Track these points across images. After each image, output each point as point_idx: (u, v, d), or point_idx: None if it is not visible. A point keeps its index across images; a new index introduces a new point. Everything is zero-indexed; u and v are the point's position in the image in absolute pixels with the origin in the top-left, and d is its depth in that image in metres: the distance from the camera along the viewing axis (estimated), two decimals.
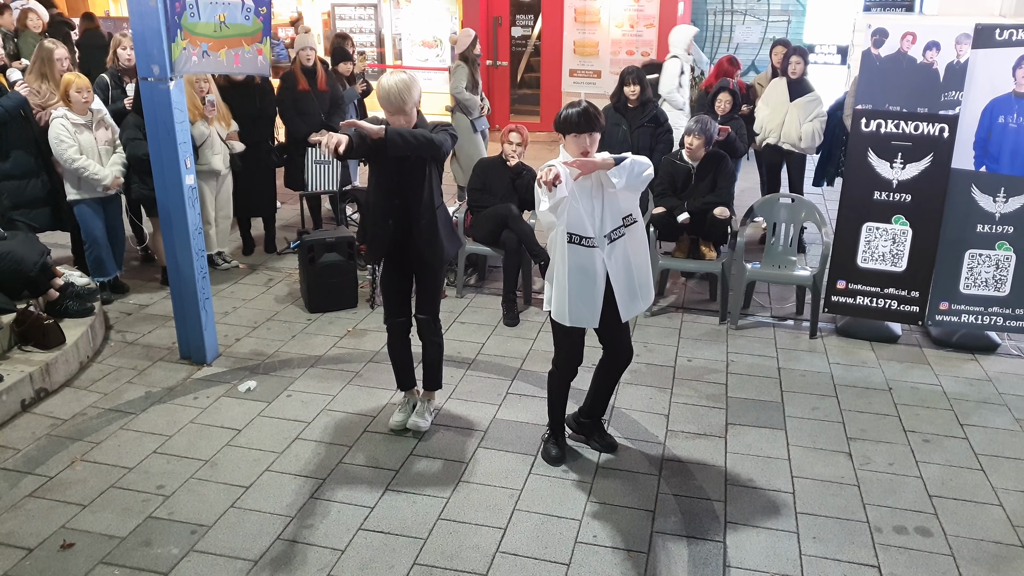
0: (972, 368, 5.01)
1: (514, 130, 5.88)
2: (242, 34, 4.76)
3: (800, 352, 5.21)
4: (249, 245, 6.95)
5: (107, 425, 4.24)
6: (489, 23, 11.88)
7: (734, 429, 4.28)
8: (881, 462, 4.00)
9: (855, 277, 5.29)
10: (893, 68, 4.93)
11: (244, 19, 4.73)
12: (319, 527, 3.46)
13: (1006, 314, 5.12)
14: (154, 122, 4.52)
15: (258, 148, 6.56)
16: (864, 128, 5.05)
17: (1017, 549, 3.40)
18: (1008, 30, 4.72)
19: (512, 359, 5.05)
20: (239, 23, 4.72)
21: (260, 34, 4.86)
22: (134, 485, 3.73)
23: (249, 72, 5.12)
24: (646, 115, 6.28)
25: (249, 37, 4.80)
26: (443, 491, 3.72)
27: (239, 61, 4.79)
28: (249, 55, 4.85)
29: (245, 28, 4.75)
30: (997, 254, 5.05)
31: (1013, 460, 4.04)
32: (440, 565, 3.25)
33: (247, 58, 4.84)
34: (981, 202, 4.99)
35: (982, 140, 4.89)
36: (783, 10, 12.30)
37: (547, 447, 3.99)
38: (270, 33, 5.04)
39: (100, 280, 5.72)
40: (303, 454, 4.00)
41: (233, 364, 4.95)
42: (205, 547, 3.33)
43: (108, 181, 5.49)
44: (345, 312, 5.72)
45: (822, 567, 3.27)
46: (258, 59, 4.93)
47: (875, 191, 5.11)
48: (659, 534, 3.45)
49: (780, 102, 6.71)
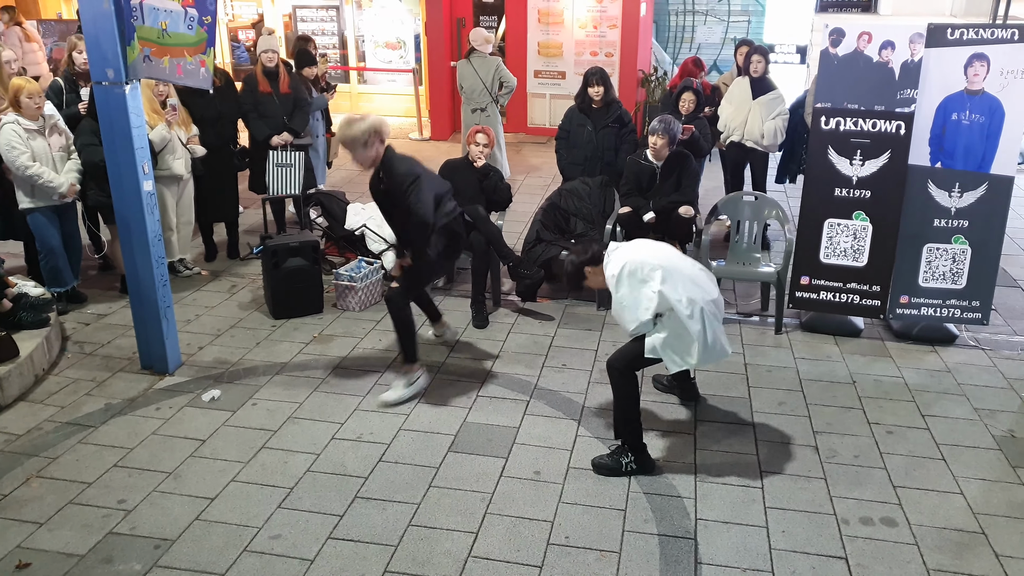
0: (932, 360, 5.10)
1: (480, 131, 5.86)
2: (184, 44, 4.54)
3: (766, 348, 5.26)
4: (212, 251, 6.84)
5: (65, 439, 4.14)
6: (452, 24, 11.84)
7: (702, 426, 4.31)
8: (847, 455, 4.06)
9: (818, 273, 5.36)
10: (850, 67, 5.01)
11: (187, 29, 4.52)
12: (287, 537, 3.41)
13: (963, 306, 5.22)
14: (110, 127, 4.43)
15: (220, 152, 6.46)
16: (824, 126, 5.12)
17: (978, 536, 3.46)
18: (959, 29, 4.83)
19: (482, 362, 5.03)
20: (181, 32, 4.51)
21: (204, 45, 4.65)
22: (94, 500, 3.65)
23: (190, 84, 4.87)
24: (610, 116, 6.30)
25: (191, 48, 4.58)
26: (413, 497, 3.69)
27: (181, 71, 4.59)
28: (191, 66, 4.63)
29: (187, 38, 4.55)
30: (954, 248, 5.15)
31: (973, 449, 4.12)
32: (411, 572, 3.22)
33: (189, 69, 4.62)
34: (937, 197, 5.08)
35: (937, 137, 4.98)
36: (743, 10, 12.44)
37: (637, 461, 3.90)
38: (214, 44, 4.85)
39: (56, 290, 5.59)
40: (270, 463, 3.94)
41: (196, 373, 4.86)
42: (169, 562, 3.26)
43: (64, 189, 5.37)
44: (310, 318, 5.65)
45: (791, 560, 3.30)
46: (200, 71, 4.71)
47: (836, 188, 5.19)
48: (631, 533, 3.46)
49: (743, 100, 6.78)
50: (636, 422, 3.87)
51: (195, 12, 4.51)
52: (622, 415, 3.89)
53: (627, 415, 3.87)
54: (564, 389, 4.68)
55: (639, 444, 3.87)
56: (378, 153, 4.32)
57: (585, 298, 5.97)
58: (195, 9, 4.51)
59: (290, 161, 6.67)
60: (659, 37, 12.80)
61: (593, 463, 3.91)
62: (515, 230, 7.11)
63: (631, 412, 3.87)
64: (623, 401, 3.87)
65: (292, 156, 6.68)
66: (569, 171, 6.41)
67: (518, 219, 7.45)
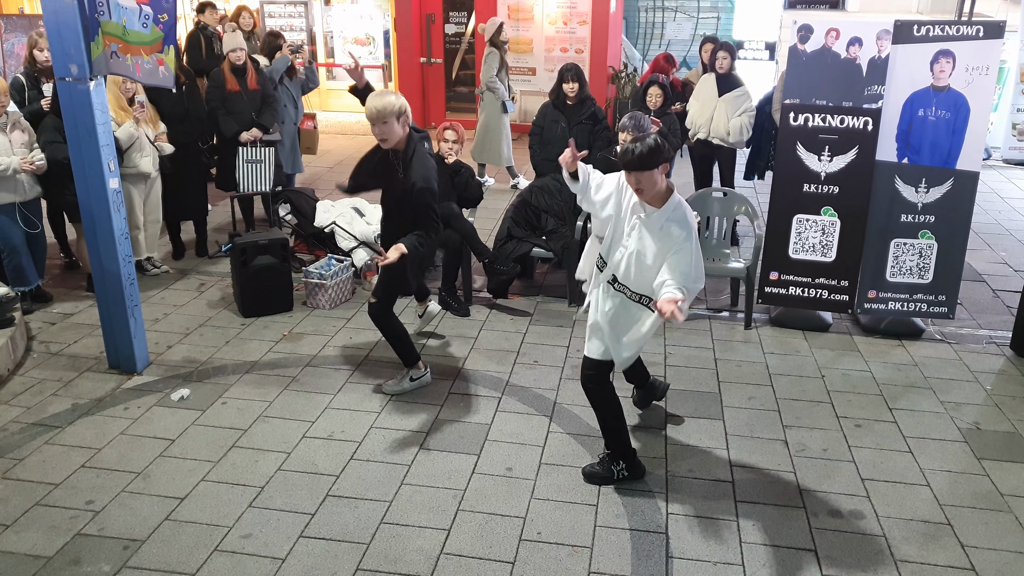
0: (899, 354, 5.18)
1: (449, 128, 5.83)
2: (140, 42, 4.42)
3: (736, 343, 5.31)
4: (179, 249, 6.75)
5: (31, 440, 4.06)
6: (422, 20, 11.79)
7: (673, 421, 4.34)
8: (816, 448, 4.11)
9: (787, 268, 5.42)
10: (818, 63, 5.06)
11: (141, 27, 4.39)
12: (258, 536, 3.38)
13: (930, 300, 5.31)
14: (74, 124, 4.35)
15: (187, 150, 6.37)
16: (792, 122, 5.17)
17: (944, 527, 3.52)
18: (925, 26, 4.90)
19: (453, 359, 5.02)
20: (136, 31, 4.38)
21: (160, 43, 4.51)
22: (61, 502, 3.59)
23: (151, 84, 4.73)
24: (584, 112, 6.32)
25: (147, 47, 4.46)
26: (385, 494, 3.67)
27: (140, 71, 4.49)
28: (149, 65, 4.50)
29: (143, 36, 4.42)
30: (920, 243, 5.23)
31: (939, 441, 4.19)
32: (384, 570, 3.21)
33: (147, 68, 4.50)
34: (904, 192, 5.16)
35: (903, 132, 5.06)
36: (712, 7, 12.53)
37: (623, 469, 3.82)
38: (174, 42, 4.72)
39: (20, 290, 5.48)
40: (240, 462, 3.90)
41: (165, 372, 4.80)
42: (139, 563, 3.22)
43: (15, 163, 5.21)
44: (280, 316, 5.60)
45: (762, 554, 3.34)
46: (159, 70, 4.57)
47: (804, 183, 5.24)
48: (602, 528, 3.47)
49: (709, 97, 6.81)
50: (622, 429, 3.79)
51: (150, 10, 4.38)
52: (605, 424, 3.80)
53: (611, 424, 3.78)
54: (536, 385, 4.69)
55: (628, 450, 3.82)
56: (403, 136, 4.16)
57: (556, 295, 5.98)
58: (150, 7, 4.39)
59: (260, 157, 6.61)
60: (629, 33, 12.85)
61: (584, 472, 3.82)
62: (487, 227, 7.10)
63: (614, 421, 3.78)
64: (603, 411, 3.78)
65: (262, 152, 6.62)
66: (542, 167, 6.41)
67: (490, 216, 7.45)
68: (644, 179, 3.27)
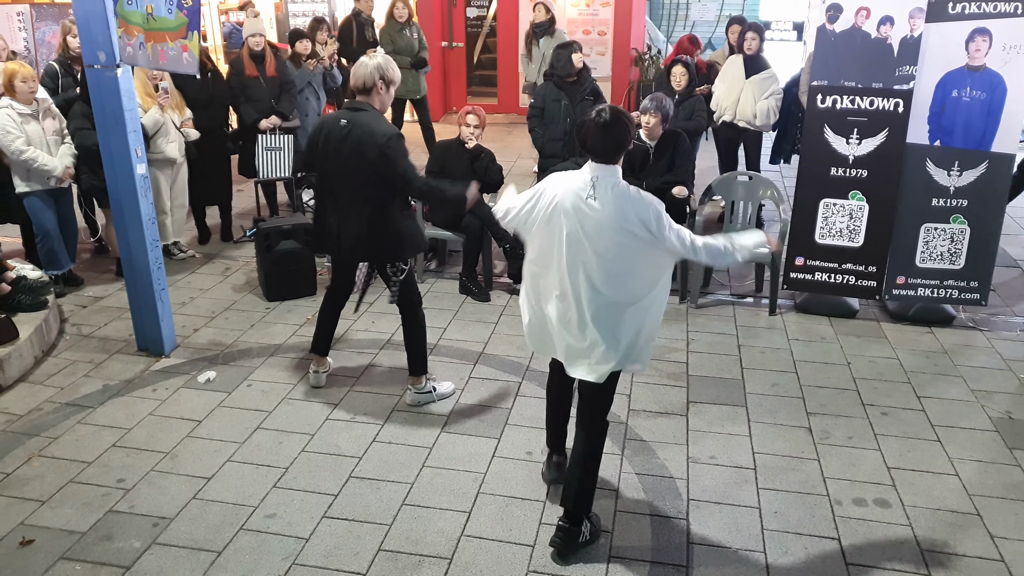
0: (928, 341, 5.10)
1: (471, 112, 5.82)
2: (166, 28, 4.43)
3: (759, 329, 5.26)
4: (205, 234, 6.83)
5: (64, 420, 4.15)
6: (444, 4, 11.74)
7: (695, 407, 4.32)
8: (840, 436, 4.07)
9: (813, 253, 5.35)
10: (847, 43, 4.96)
11: (167, 13, 4.40)
12: (282, 516, 3.43)
13: (961, 287, 5.21)
14: (102, 111, 4.40)
15: (212, 135, 6.42)
16: (820, 104, 5.09)
17: (972, 517, 3.47)
18: (961, 3, 4.77)
19: (474, 343, 5.03)
20: (163, 16, 4.39)
21: (184, 29, 4.52)
22: (93, 479, 3.66)
23: (174, 71, 4.70)
24: (585, 89, 6.25)
25: (172, 32, 4.47)
26: (407, 476, 3.70)
27: (164, 58, 4.49)
28: (173, 52, 4.50)
29: (168, 23, 4.44)
30: (952, 227, 5.13)
31: (968, 430, 4.12)
32: (405, 551, 3.24)
33: (171, 55, 4.50)
34: (936, 176, 5.06)
35: (936, 114, 4.95)
36: None
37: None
38: (198, 27, 4.70)
39: (53, 273, 5.59)
40: (264, 444, 3.95)
41: (191, 355, 4.86)
42: (167, 539, 3.28)
43: (59, 172, 5.36)
44: (304, 300, 5.65)
45: (784, 541, 3.32)
46: (183, 56, 4.57)
47: (832, 167, 5.16)
48: (623, 513, 3.47)
49: (736, 79, 6.72)
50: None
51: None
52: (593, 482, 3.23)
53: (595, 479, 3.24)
54: None
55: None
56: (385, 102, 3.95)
57: None
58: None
59: (279, 144, 6.64)
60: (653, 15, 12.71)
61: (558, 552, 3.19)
62: None
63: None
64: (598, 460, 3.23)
65: (281, 139, 6.65)
66: (548, 147, 6.27)
67: None
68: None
